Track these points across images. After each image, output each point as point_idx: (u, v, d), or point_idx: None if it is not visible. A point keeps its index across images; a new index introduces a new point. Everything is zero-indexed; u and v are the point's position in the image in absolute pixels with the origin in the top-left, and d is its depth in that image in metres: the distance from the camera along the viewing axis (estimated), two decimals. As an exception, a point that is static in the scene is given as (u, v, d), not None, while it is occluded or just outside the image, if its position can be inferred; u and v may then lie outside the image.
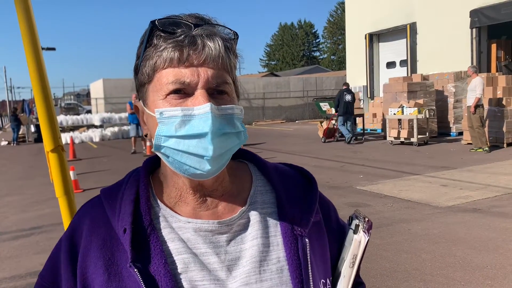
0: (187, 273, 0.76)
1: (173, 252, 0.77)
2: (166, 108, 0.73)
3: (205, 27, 0.75)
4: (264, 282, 0.78)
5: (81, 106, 43.11)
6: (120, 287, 0.75)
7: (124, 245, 0.76)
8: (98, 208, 0.84)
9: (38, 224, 6.48)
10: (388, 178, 8.37)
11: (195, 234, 0.79)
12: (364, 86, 20.75)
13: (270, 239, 0.82)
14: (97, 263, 0.77)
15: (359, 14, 20.98)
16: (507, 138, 11.50)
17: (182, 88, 0.73)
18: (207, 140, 0.71)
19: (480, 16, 15.60)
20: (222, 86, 0.75)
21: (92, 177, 10.51)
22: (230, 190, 0.85)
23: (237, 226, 0.82)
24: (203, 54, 0.73)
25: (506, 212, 5.74)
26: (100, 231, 0.80)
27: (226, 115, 0.74)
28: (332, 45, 69.57)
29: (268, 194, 0.88)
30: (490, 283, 3.77)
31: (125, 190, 0.84)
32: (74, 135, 20.56)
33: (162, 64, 0.74)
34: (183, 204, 0.82)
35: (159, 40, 0.74)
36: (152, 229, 0.78)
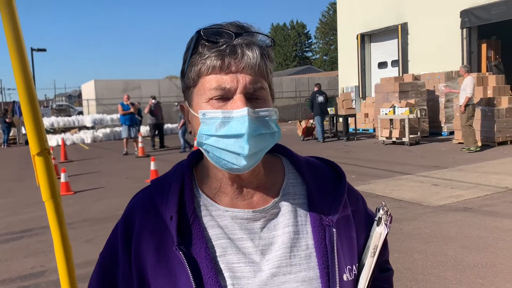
0: (225, 256, 0.85)
1: (213, 237, 0.87)
2: (208, 110, 0.82)
3: (244, 37, 0.83)
4: (294, 266, 0.87)
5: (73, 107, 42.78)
6: (167, 267, 0.86)
7: (171, 230, 0.86)
8: (148, 197, 0.94)
9: (28, 227, 6.43)
10: (380, 177, 8.41)
11: (232, 222, 0.89)
12: (356, 86, 20.84)
13: (300, 228, 0.90)
14: (148, 246, 0.88)
15: (351, 14, 21.06)
16: (497, 137, 11.60)
17: (222, 93, 0.82)
18: (243, 140, 0.79)
19: (471, 16, 15.72)
20: (258, 91, 0.83)
21: (83, 178, 10.45)
22: (265, 182, 0.93)
23: (270, 215, 0.91)
24: (242, 63, 0.81)
25: (497, 211, 5.79)
26: (150, 218, 0.90)
27: (261, 117, 0.82)
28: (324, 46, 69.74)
29: (299, 186, 0.96)
30: (481, 282, 3.79)
31: (172, 181, 0.93)
32: (66, 136, 20.41)
33: (206, 71, 0.83)
34: (222, 195, 0.91)
35: (203, 49, 0.83)
36: (195, 217, 0.88)
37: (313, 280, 0.87)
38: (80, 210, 7.24)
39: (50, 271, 4.57)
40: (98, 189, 9.02)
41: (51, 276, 4.45)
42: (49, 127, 22.66)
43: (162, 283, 0.86)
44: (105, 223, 6.28)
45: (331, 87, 30.18)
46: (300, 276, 0.87)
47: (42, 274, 4.56)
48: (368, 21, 19.92)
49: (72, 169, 11.51)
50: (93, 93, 26.21)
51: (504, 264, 4.12)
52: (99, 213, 7.01)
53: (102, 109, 25.39)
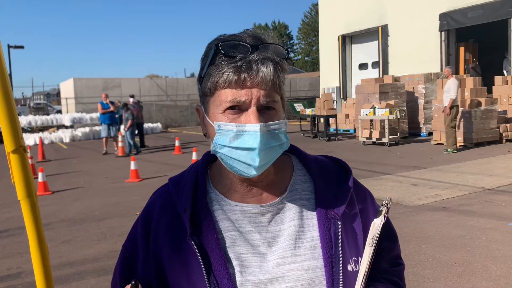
0: (234, 247, 0.92)
1: (223, 229, 0.94)
2: (223, 122, 0.89)
3: (260, 52, 0.87)
4: (298, 256, 0.93)
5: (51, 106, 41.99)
6: (182, 257, 0.93)
7: (184, 222, 0.93)
8: (166, 193, 1.02)
9: (4, 227, 6.28)
10: (360, 177, 8.48)
11: (241, 215, 0.96)
12: (337, 87, 21.00)
13: (306, 221, 0.96)
14: (164, 237, 0.96)
15: (333, 16, 21.22)
16: (475, 138, 11.84)
17: (237, 105, 0.87)
18: (255, 153, 0.86)
19: (449, 19, 16.03)
20: (271, 103, 0.89)
21: (62, 178, 10.27)
22: (274, 180, 0.99)
23: (277, 209, 0.97)
24: (257, 78, 0.86)
25: (473, 211, 5.91)
26: (167, 212, 0.98)
27: (272, 131, 0.88)
28: (306, 47, 70.09)
29: (307, 183, 1.02)
30: (458, 280, 3.86)
31: (187, 178, 1.01)
32: (44, 135, 20.04)
33: (222, 85, 0.88)
34: (233, 192, 0.98)
35: (221, 63, 0.87)
36: (207, 210, 0.96)
37: (317, 268, 0.92)
38: (57, 211, 7.11)
39: (27, 273, 4.47)
40: (76, 189, 8.87)
41: (28, 277, 4.36)
42: (27, 126, 22.21)
43: (177, 271, 0.94)
44: (83, 224, 6.18)
45: (313, 88, 30.38)
46: (305, 264, 0.92)
47: (19, 276, 4.46)
48: (350, 23, 20.11)
49: (50, 169, 11.30)
50: (72, 91, 25.78)
51: (480, 262, 4.21)
52: (77, 213, 6.89)
53: (81, 108, 25.01)
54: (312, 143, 14.70)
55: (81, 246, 5.25)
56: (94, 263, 4.60)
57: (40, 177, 8.57)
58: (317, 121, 16.64)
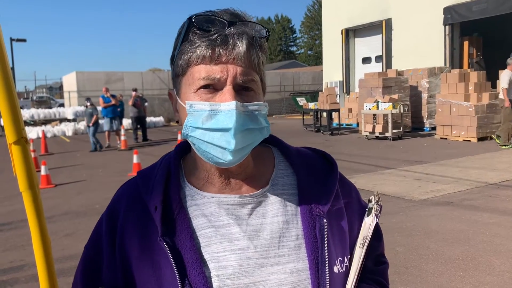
0: (210, 246, 0.84)
1: (197, 228, 0.85)
2: (196, 102, 0.80)
3: (237, 26, 0.80)
4: (282, 257, 0.85)
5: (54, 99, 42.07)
6: (151, 258, 0.84)
7: (155, 221, 0.84)
8: (134, 188, 0.93)
9: (7, 220, 6.29)
10: (363, 172, 8.47)
11: (218, 208, 0.87)
12: (340, 81, 20.93)
13: (289, 217, 0.88)
14: (132, 237, 0.87)
15: (336, 9, 21.10)
16: (477, 133, 11.79)
17: (212, 83, 0.80)
18: (230, 134, 0.77)
19: (453, 13, 15.91)
20: (249, 83, 0.81)
21: (64, 171, 10.28)
22: (254, 173, 0.92)
23: (257, 202, 0.89)
24: (233, 53, 0.79)
25: (477, 205, 5.88)
26: (135, 209, 0.89)
27: (250, 112, 0.80)
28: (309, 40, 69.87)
29: (289, 177, 0.94)
30: (461, 275, 3.85)
31: (158, 172, 0.92)
32: (46, 129, 20.06)
33: (196, 61, 0.80)
34: (209, 185, 0.89)
35: (194, 37, 0.80)
36: (181, 207, 0.87)
37: (301, 271, 0.85)
38: (60, 203, 7.12)
39: (30, 265, 4.48)
40: (79, 182, 8.88)
41: (30, 270, 4.37)
42: (30, 119, 22.25)
43: (146, 274, 0.85)
44: (86, 217, 6.18)
45: (316, 82, 30.30)
46: (289, 267, 0.85)
47: (21, 268, 4.47)
48: (353, 16, 19.99)
49: (52, 162, 11.32)
50: (74, 85, 25.79)
51: (483, 257, 4.19)
52: (80, 206, 6.90)
53: (84, 101, 25.00)
54: (315, 137, 14.67)
55: (84, 239, 5.20)
56: (97, 256, 4.60)
57: (43, 170, 8.58)
58: (320, 115, 16.60)
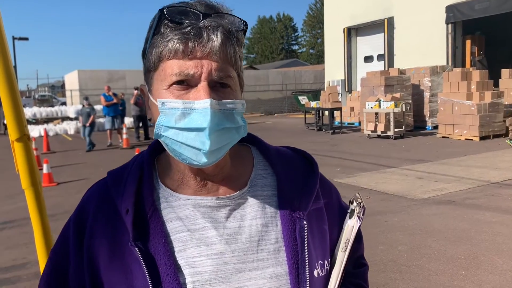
0: (185, 251, 0.79)
1: (172, 231, 0.80)
2: (168, 100, 0.75)
3: (212, 19, 0.75)
4: (261, 261, 0.81)
5: (56, 98, 42.15)
6: (122, 264, 0.79)
7: (127, 224, 0.79)
8: (104, 189, 0.87)
9: (10, 218, 6.31)
10: (365, 171, 8.46)
11: (194, 210, 0.82)
12: (342, 80, 20.90)
13: (269, 220, 0.85)
14: (102, 241, 0.81)
15: (338, 8, 21.07)
16: (480, 132, 11.76)
17: (185, 79, 0.75)
18: (204, 134, 0.73)
19: (455, 11, 15.87)
20: (225, 79, 0.76)
21: (66, 170, 10.30)
22: (231, 174, 0.87)
23: (236, 204, 0.84)
24: (207, 47, 0.74)
25: (479, 204, 5.87)
26: (105, 211, 0.84)
27: (226, 110, 0.75)
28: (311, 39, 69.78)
29: (269, 177, 0.90)
30: (463, 274, 3.84)
31: (130, 172, 0.87)
32: (48, 127, 20.10)
33: (168, 55, 0.75)
34: (184, 187, 0.85)
35: (166, 30, 0.75)
36: (154, 210, 0.82)
37: (281, 276, 0.81)
38: (62, 202, 7.13)
39: (32, 263, 4.49)
40: (81, 181, 8.89)
41: (33, 268, 4.38)
42: (32, 118, 22.28)
43: (115, 281, 0.80)
44: (89, 215, 6.19)
45: (318, 81, 30.26)
46: (268, 272, 0.81)
47: (24, 266, 4.48)
48: (355, 15, 19.95)
49: (55, 160, 11.33)
50: (76, 83, 25.82)
51: (486, 256, 4.18)
52: (82, 204, 6.91)
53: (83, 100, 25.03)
54: (317, 136, 14.66)
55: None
56: (99, 254, 4.62)
57: (45, 169, 8.60)
58: (322, 114, 16.58)
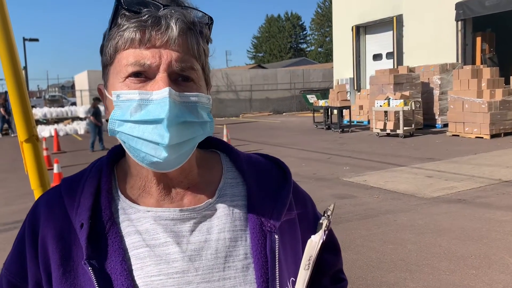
0: (142, 269, 0.72)
1: (129, 247, 0.73)
2: (123, 91, 0.69)
3: (173, 8, 0.70)
4: (227, 280, 0.74)
5: (66, 98, 42.49)
6: (73, 284, 0.72)
7: (80, 241, 0.72)
8: (57, 198, 0.79)
9: (21, 217, 6.36)
10: (374, 169, 8.42)
11: (154, 223, 0.75)
12: (350, 78, 20.81)
13: (237, 234, 0.78)
14: (53, 256, 0.74)
15: (346, 6, 20.97)
16: (490, 130, 11.64)
17: (142, 70, 0.69)
18: (163, 126, 0.66)
19: (465, 8, 15.71)
20: (187, 71, 0.70)
21: (76, 170, 10.19)
22: (198, 182, 0.80)
23: (202, 217, 0.77)
24: (165, 35, 0.68)
25: (490, 203, 5.81)
26: (57, 223, 0.76)
27: (188, 103, 0.69)
28: (319, 37, 69.54)
29: (239, 187, 0.83)
30: (474, 273, 3.81)
31: (86, 181, 0.80)
32: (59, 127, 20.26)
33: (123, 45, 0.70)
34: (146, 196, 0.78)
35: (122, 20, 0.70)
36: (112, 223, 0.74)
37: None
38: (73, 201, 7.20)
39: (43, 262, 4.54)
40: (91, 180, 8.95)
41: (44, 267, 4.42)
42: (42, 118, 22.49)
43: None
44: (99, 214, 6.25)
45: (326, 79, 30.15)
46: None
47: (35, 265, 4.53)
48: (364, 13, 19.85)
49: (65, 160, 11.43)
50: (86, 83, 26.01)
51: (497, 255, 4.14)
52: (92, 204, 6.96)
53: (96, 100, 25.21)
54: (326, 135, 14.62)
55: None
56: (109, 253, 4.65)
57: (56, 168, 8.67)
58: (331, 113, 16.52)
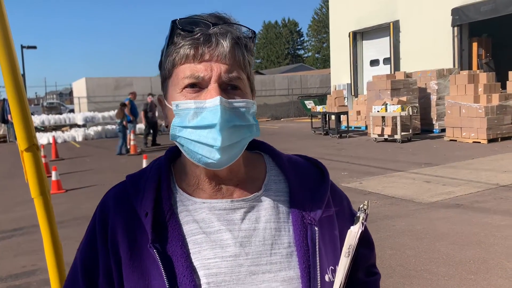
0: (200, 253, 0.82)
1: (188, 233, 0.84)
2: (181, 101, 0.80)
3: (221, 26, 0.81)
4: (274, 264, 0.84)
5: (64, 105, 42.48)
6: (140, 265, 0.83)
7: (146, 227, 0.83)
8: (123, 192, 0.91)
9: (19, 225, 6.36)
10: (372, 175, 8.44)
11: (209, 213, 0.86)
12: (348, 84, 20.88)
13: (281, 225, 0.88)
14: (122, 242, 0.85)
15: (343, 12, 21.08)
16: (487, 134, 11.68)
17: (196, 82, 0.80)
18: (216, 130, 0.77)
19: (461, 14, 15.82)
20: (235, 81, 0.81)
21: (75, 177, 10.37)
22: (245, 179, 0.91)
23: (250, 207, 0.87)
24: (216, 51, 0.79)
25: (488, 207, 5.83)
26: (124, 213, 0.87)
27: (236, 109, 0.80)
28: (317, 43, 69.81)
29: (281, 184, 0.93)
30: (473, 278, 3.81)
31: (148, 177, 0.90)
32: (57, 134, 20.24)
33: (180, 60, 0.81)
34: (200, 191, 0.88)
35: (178, 38, 0.82)
36: (172, 213, 0.85)
37: (293, 279, 0.84)
38: (71, 209, 7.18)
39: (42, 270, 4.53)
40: (89, 187, 8.95)
41: (42, 275, 4.41)
42: (40, 125, 22.46)
43: (134, 281, 0.83)
44: (97, 222, 6.23)
45: (324, 85, 30.24)
46: (280, 275, 0.84)
47: (34, 273, 4.51)
48: (360, 19, 19.96)
49: (63, 167, 11.42)
50: (84, 90, 26.01)
51: (495, 259, 4.15)
52: (90, 211, 6.86)
53: (94, 107, 25.20)
54: (323, 141, 14.64)
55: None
56: (107, 260, 4.64)
57: (54, 176, 8.66)
58: (328, 118, 16.56)
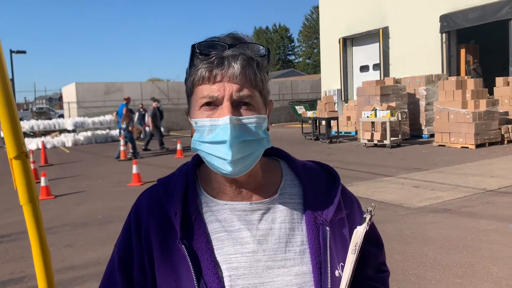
0: (222, 249, 0.92)
1: (211, 231, 0.94)
2: (199, 119, 0.91)
3: (235, 48, 0.90)
4: (288, 260, 0.94)
5: (53, 110, 42.14)
6: (171, 260, 0.93)
7: (175, 225, 0.93)
8: (155, 194, 1.02)
9: (7, 232, 6.30)
10: (361, 180, 8.49)
11: (231, 214, 0.96)
12: (338, 90, 21.03)
13: (295, 225, 0.98)
14: (155, 239, 0.95)
15: (333, 18, 21.26)
16: (475, 140, 11.83)
17: (212, 101, 0.90)
18: (226, 146, 0.87)
19: (449, 21, 16.04)
20: (246, 98, 0.90)
21: (64, 182, 10.29)
22: (263, 184, 1.00)
23: (266, 209, 0.98)
24: (227, 73, 0.89)
25: (475, 212, 5.90)
26: (156, 214, 0.97)
27: (246, 125, 0.89)
28: (307, 49, 70.13)
29: (296, 188, 1.03)
30: (459, 282, 3.86)
31: (177, 182, 1.01)
32: (46, 140, 20.09)
33: (198, 81, 0.92)
34: (222, 194, 0.99)
35: (197, 61, 0.92)
36: (197, 213, 0.96)
37: (305, 274, 0.93)
38: (60, 215, 7.13)
39: (30, 277, 4.49)
40: (79, 193, 8.89)
41: (31, 281, 4.37)
42: (29, 131, 22.27)
43: (166, 275, 0.94)
44: (86, 228, 6.20)
45: (314, 91, 30.40)
46: (294, 270, 0.93)
47: (22, 280, 4.47)
48: (350, 25, 20.14)
49: (52, 173, 11.33)
50: (74, 96, 25.85)
51: (481, 263, 4.21)
52: (79, 217, 6.91)
53: (83, 112, 25.05)
54: (314, 146, 14.70)
55: (84, 250, 5.26)
56: (97, 266, 4.60)
57: (43, 182, 8.60)
58: (319, 124, 16.65)
